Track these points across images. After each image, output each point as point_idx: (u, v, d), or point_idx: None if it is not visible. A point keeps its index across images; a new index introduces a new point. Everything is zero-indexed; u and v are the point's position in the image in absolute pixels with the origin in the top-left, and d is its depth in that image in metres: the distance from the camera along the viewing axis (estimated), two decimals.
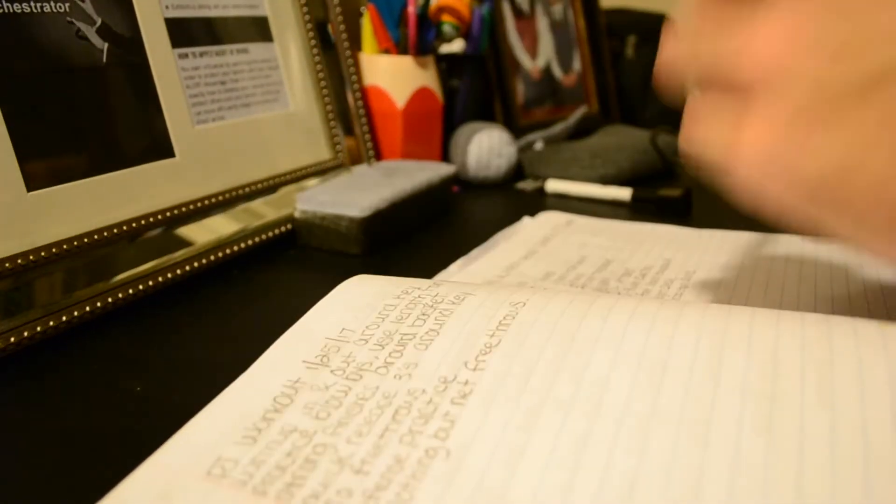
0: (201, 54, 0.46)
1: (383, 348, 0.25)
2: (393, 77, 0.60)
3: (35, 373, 0.31)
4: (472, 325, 0.25)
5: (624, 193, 0.57)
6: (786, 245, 0.42)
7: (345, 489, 0.19)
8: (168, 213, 0.41)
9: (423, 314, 0.27)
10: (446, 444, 0.21)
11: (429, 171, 0.53)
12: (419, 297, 0.28)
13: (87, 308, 0.34)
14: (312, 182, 0.52)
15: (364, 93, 0.60)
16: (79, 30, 0.38)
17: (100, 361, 0.32)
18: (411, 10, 0.59)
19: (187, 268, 0.40)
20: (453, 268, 0.42)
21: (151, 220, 0.40)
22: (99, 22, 0.39)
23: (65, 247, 0.35)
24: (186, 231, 0.42)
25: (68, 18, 0.38)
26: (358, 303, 0.28)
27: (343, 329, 0.26)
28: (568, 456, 0.20)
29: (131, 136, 0.40)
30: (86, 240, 0.36)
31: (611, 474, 0.19)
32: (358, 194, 0.47)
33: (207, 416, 0.23)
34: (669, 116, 0.97)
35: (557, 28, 0.86)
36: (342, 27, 0.58)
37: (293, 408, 0.23)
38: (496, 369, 0.23)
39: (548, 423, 0.21)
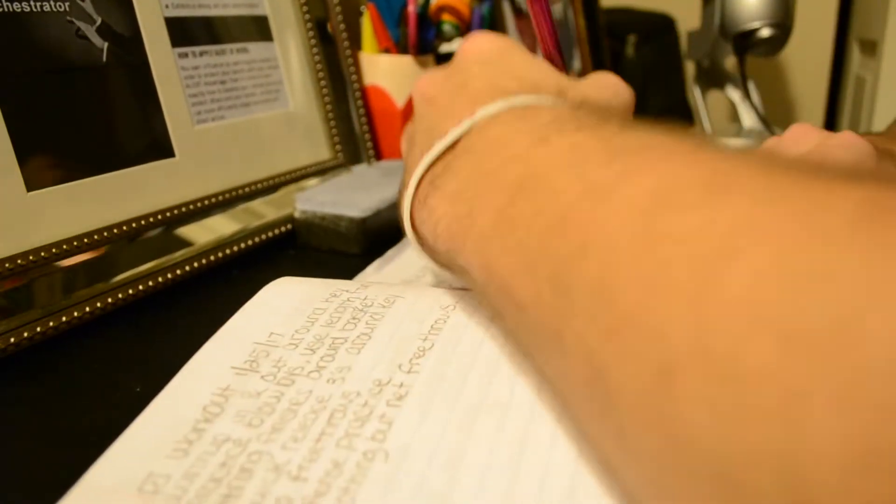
0: (201, 53, 0.46)
1: (314, 353, 0.24)
2: (393, 76, 0.60)
3: (35, 373, 0.31)
4: (404, 328, 0.25)
5: None
6: None
7: (284, 497, 0.19)
8: (168, 213, 0.41)
9: (354, 318, 0.26)
10: (384, 445, 0.20)
11: None
12: (348, 300, 0.28)
13: (87, 308, 0.34)
14: (312, 182, 0.52)
15: (364, 92, 0.60)
16: (78, 29, 0.38)
17: (99, 362, 0.32)
18: (411, 9, 0.59)
19: (187, 268, 0.40)
20: (370, 269, 0.41)
21: (151, 220, 0.40)
22: (99, 21, 0.39)
23: (65, 247, 0.35)
24: (186, 231, 0.41)
25: (68, 17, 0.38)
26: (285, 306, 0.28)
27: (271, 333, 0.26)
28: (508, 457, 0.19)
29: (131, 135, 0.40)
30: (85, 240, 0.36)
31: (552, 475, 0.19)
32: (358, 194, 0.47)
33: (136, 431, 0.22)
34: (670, 115, 0.97)
35: (557, 27, 0.86)
36: (342, 26, 0.58)
37: (224, 416, 0.22)
38: (431, 372, 0.23)
39: (486, 424, 0.21)
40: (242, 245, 0.44)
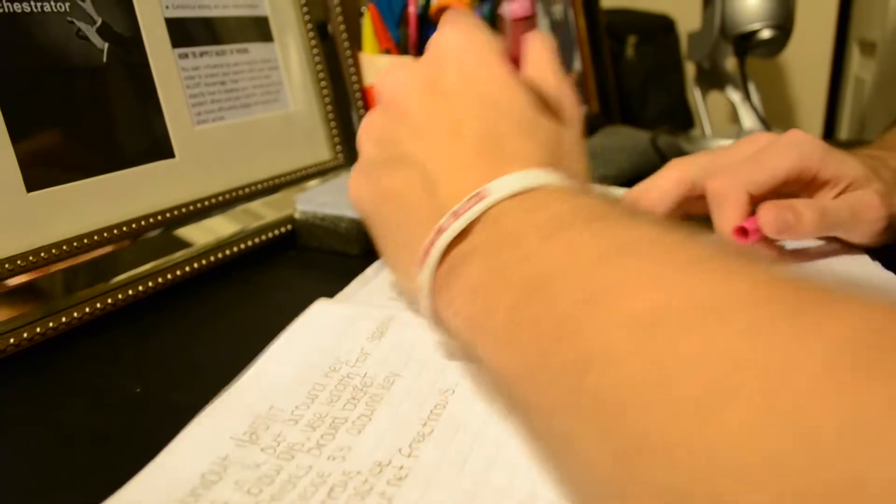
0: (201, 54, 0.46)
1: (315, 430, 0.25)
2: None
3: (35, 374, 0.31)
4: (403, 411, 0.26)
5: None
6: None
7: None
8: (168, 214, 0.41)
9: (354, 398, 0.26)
10: None
11: None
12: (348, 375, 0.28)
13: (87, 309, 0.34)
14: (312, 183, 0.52)
15: (364, 93, 0.60)
16: (79, 29, 0.38)
17: (99, 362, 0.32)
18: (412, 10, 0.59)
19: (187, 268, 0.40)
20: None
21: (151, 220, 0.40)
22: (99, 21, 0.39)
23: (65, 247, 0.35)
24: (186, 232, 0.41)
25: (68, 18, 0.38)
26: (286, 378, 0.28)
27: (272, 406, 0.26)
28: None
29: (131, 136, 0.40)
30: (85, 240, 0.36)
31: None
32: None
33: (129, 495, 0.21)
34: (670, 117, 0.97)
35: (558, 28, 0.86)
36: (342, 27, 0.58)
37: (223, 484, 0.22)
38: (431, 457, 0.23)
39: None
40: (242, 246, 0.44)
